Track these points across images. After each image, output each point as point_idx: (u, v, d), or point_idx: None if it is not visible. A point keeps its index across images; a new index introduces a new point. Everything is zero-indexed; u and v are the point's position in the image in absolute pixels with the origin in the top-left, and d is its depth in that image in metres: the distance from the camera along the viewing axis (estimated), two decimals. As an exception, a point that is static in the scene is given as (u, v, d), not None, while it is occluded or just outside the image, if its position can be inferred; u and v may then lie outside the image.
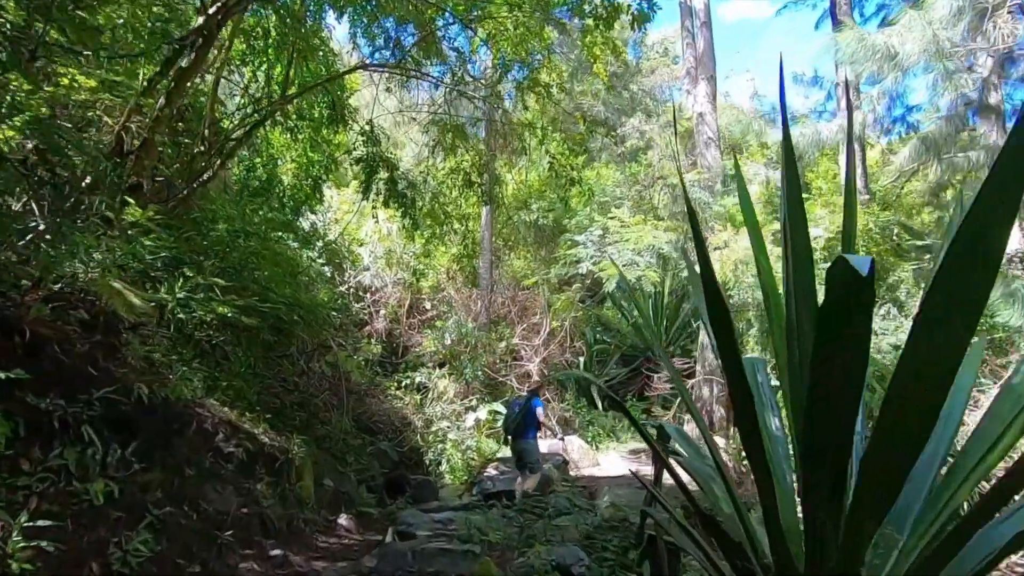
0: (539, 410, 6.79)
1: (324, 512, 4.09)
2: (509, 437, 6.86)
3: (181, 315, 3.64)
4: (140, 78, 4.18)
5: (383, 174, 6.79)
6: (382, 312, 10.45)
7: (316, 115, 6.45)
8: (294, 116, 6.59)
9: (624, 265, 8.73)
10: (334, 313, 8.05)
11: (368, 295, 10.77)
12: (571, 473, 8.72)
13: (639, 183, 10.15)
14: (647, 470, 9.39)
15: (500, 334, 11.01)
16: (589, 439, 10.69)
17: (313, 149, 7.24)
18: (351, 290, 8.53)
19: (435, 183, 7.47)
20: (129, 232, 3.80)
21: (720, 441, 8.79)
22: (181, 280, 3.74)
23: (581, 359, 12.12)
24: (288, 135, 6.89)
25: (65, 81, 3.84)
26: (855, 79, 8.74)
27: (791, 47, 48.84)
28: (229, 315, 3.97)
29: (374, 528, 4.72)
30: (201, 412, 3.06)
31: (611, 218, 9.66)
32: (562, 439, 9.37)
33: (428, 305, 11.13)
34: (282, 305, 4.49)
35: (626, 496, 7.22)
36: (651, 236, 8.73)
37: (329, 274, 8.32)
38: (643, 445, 11.34)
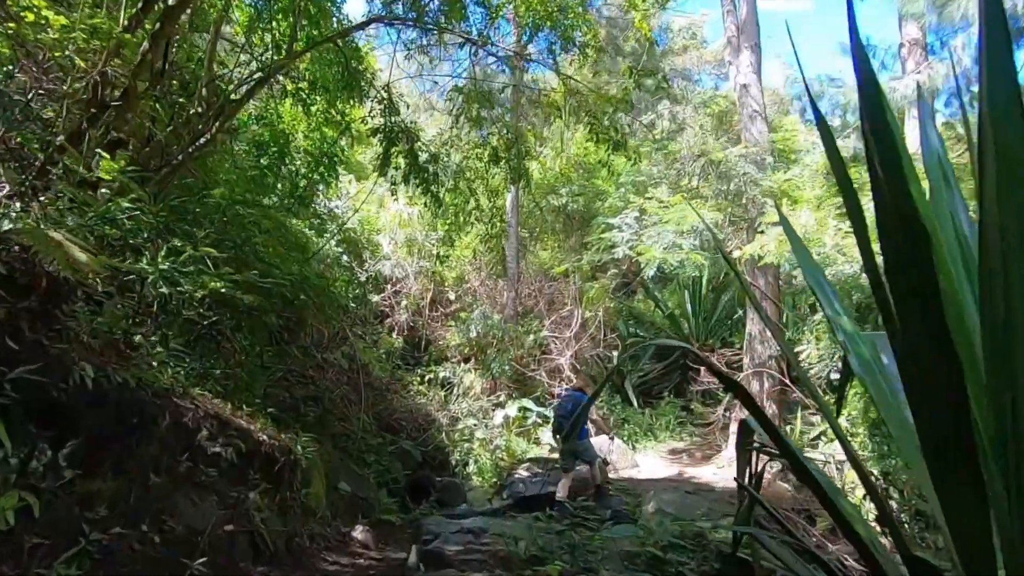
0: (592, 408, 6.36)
1: (337, 523, 3.48)
2: (558, 436, 6.66)
3: (164, 289, 3.05)
4: (121, 19, 3.61)
5: (402, 146, 6.17)
6: (403, 303, 9.86)
7: (330, 83, 5.86)
8: (306, 86, 6.02)
9: (665, 248, 7.98)
10: (352, 304, 7.50)
11: (389, 286, 10.20)
12: (610, 475, 8.00)
13: (678, 161, 9.36)
14: (692, 472, 8.63)
15: (528, 327, 10.33)
16: (625, 439, 9.95)
17: (327, 123, 6.67)
18: (370, 280, 7.95)
19: (460, 157, 6.83)
20: (103, 191, 3.22)
21: (774, 441, 7.98)
22: (165, 249, 3.15)
23: (615, 353, 11.37)
24: (299, 107, 6.34)
25: (30, 17, 3.29)
26: (921, 34, 7.83)
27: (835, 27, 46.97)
28: (224, 291, 3.38)
29: (395, 540, 4.11)
30: (180, 404, 2.47)
31: (648, 199, 8.91)
32: (612, 438, 8.72)
33: (452, 296, 10.51)
34: (288, 283, 3.89)
35: (674, 502, 6.49)
36: (695, 216, 7.96)
37: (347, 262, 7.75)
38: (683, 444, 10.56)
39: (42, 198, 3.09)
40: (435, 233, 9.85)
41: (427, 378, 8.84)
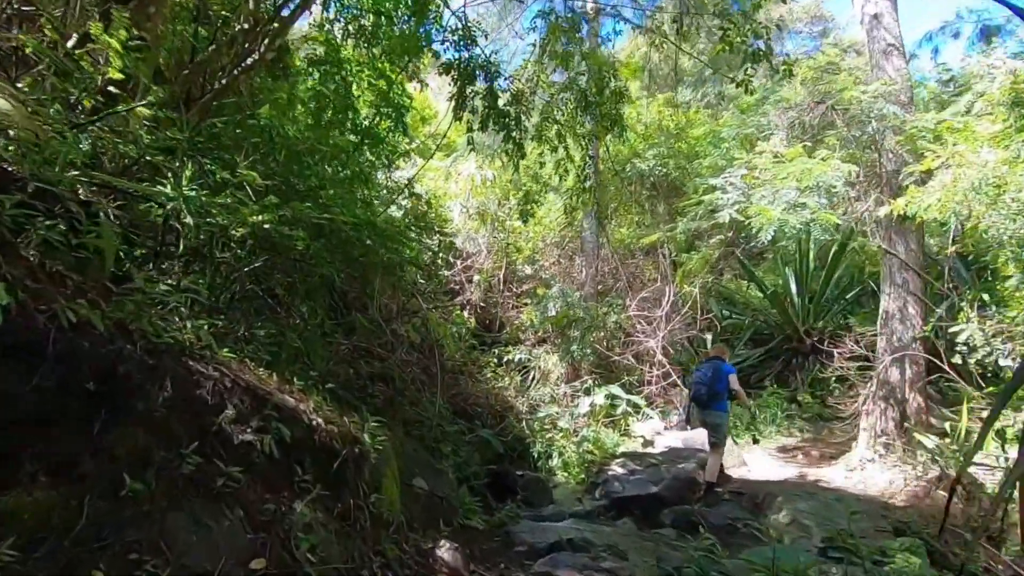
0: (732, 377, 5.95)
1: (415, 536, 2.62)
2: (694, 405, 6.15)
3: (189, 220, 2.26)
4: None
5: (480, 85, 5.25)
6: (475, 280, 9.02)
7: (393, 8, 5.02)
8: (371, 15, 5.21)
9: (785, 208, 6.68)
10: (422, 275, 6.71)
11: (459, 261, 9.40)
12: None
13: (793, 108, 7.95)
14: (815, 473, 7.30)
15: (612, 305, 9.24)
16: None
17: (393, 66, 5.86)
18: (442, 249, 7.14)
19: (543, 100, 5.83)
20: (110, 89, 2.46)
21: (926, 441, 6.53)
22: (190, 170, 2.35)
23: (708, 337, 10.09)
24: (363, 47, 5.55)
25: None
26: None
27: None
28: (269, 229, 2.56)
29: (485, 555, 3.23)
30: (196, 369, 1.66)
31: (759, 153, 7.58)
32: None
33: (529, 270, 9.57)
34: (352, 226, 3.05)
35: (813, 512, 5.28)
36: (820, 170, 6.60)
37: (415, 232, 6.95)
38: (794, 441, 9.17)
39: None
40: (510, 202, 8.92)
41: (504, 360, 7.97)
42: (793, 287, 10.87)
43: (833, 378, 10.35)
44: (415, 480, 3.60)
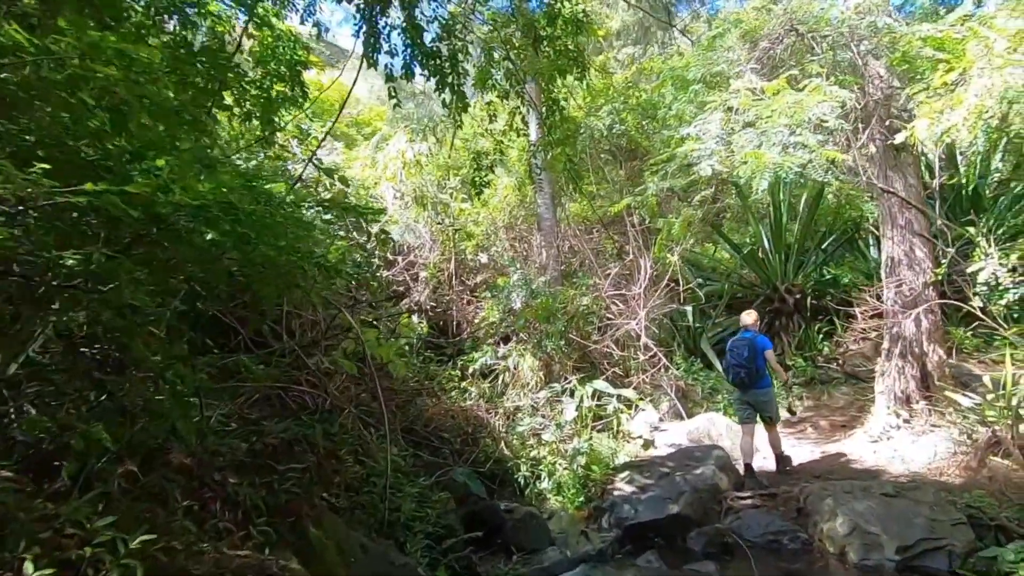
0: (768, 353, 5.63)
1: None
2: (735, 388, 5.83)
3: None
4: None
5: (396, 16, 3.88)
6: (422, 277, 7.64)
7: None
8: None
9: (784, 150, 5.65)
10: (350, 284, 5.30)
11: (400, 258, 7.98)
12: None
13: (763, 39, 6.93)
14: (836, 449, 6.41)
15: (581, 286, 8.09)
16: (721, 412, 7.77)
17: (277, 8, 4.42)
18: (378, 244, 5.72)
19: (485, 30, 4.50)
20: None
21: (962, 399, 5.72)
22: None
23: (689, 309, 9.13)
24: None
25: None
26: None
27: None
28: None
29: None
30: None
31: (735, 93, 6.53)
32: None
33: (484, 258, 8.24)
34: (188, 207, 1.68)
35: (877, 514, 4.31)
36: (816, 99, 5.60)
37: (333, 225, 5.48)
38: (797, 412, 8.34)
39: None
40: (450, 181, 7.55)
41: (469, 370, 6.65)
42: (768, 243, 10.07)
43: (820, 336, 9.68)
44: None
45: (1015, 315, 6.04)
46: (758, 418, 5.79)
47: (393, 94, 3.95)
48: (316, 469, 2.67)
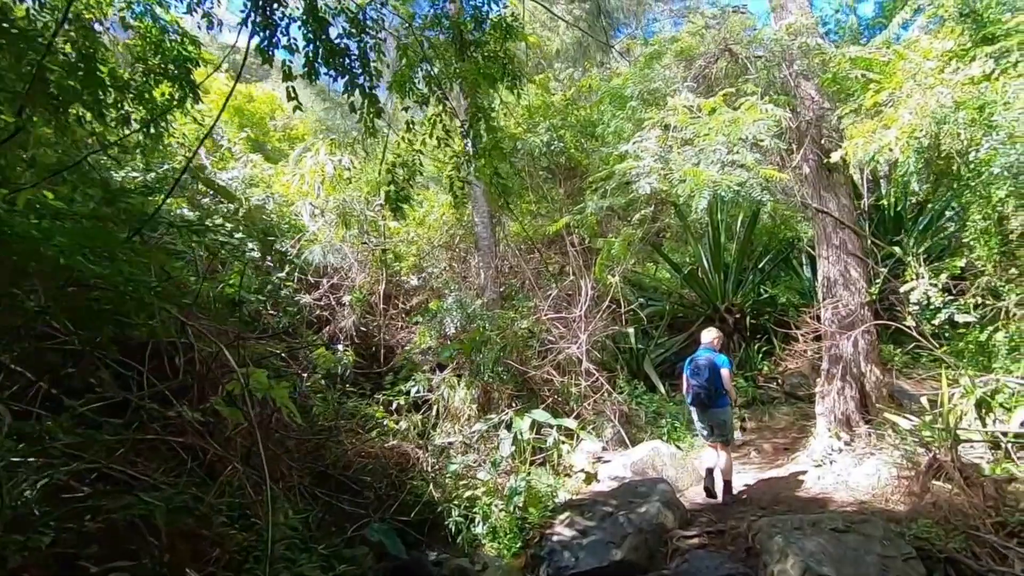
0: (725, 372, 5.42)
1: None
2: (693, 408, 5.68)
3: None
4: None
5: (298, 3, 3.40)
6: (346, 301, 7.01)
7: None
8: None
9: (721, 168, 5.49)
10: (259, 302, 4.67)
11: (325, 280, 7.32)
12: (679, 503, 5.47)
13: (698, 58, 6.86)
14: (778, 474, 6.20)
15: (521, 309, 7.69)
16: (665, 437, 7.50)
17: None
18: (286, 266, 5.11)
19: (398, 31, 4.05)
20: None
21: (901, 420, 5.64)
22: None
23: (631, 331, 8.90)
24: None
25: None
26: None
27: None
28: None
29: None
30: None
31: (671, 111, 6.39)
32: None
33: (416, 280, 7.69)
34: None
35: (823, 552, 4.04)
36: (753, 117, 5.50)
37: (246, 246, 4.85)
38: (738, 436, 8.18)
39: None
40: (378, 199, 7.01)
41: (394, 403, 6.05)
42: (707, 263, 10.04)
43: (759, 356, 9.67)
44: None
45: (946, 334, 6.07)
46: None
47: (293, 95, 3.43)
48: (162, 557, 2.05)
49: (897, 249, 6.32)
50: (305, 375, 5.23)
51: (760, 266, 10.31)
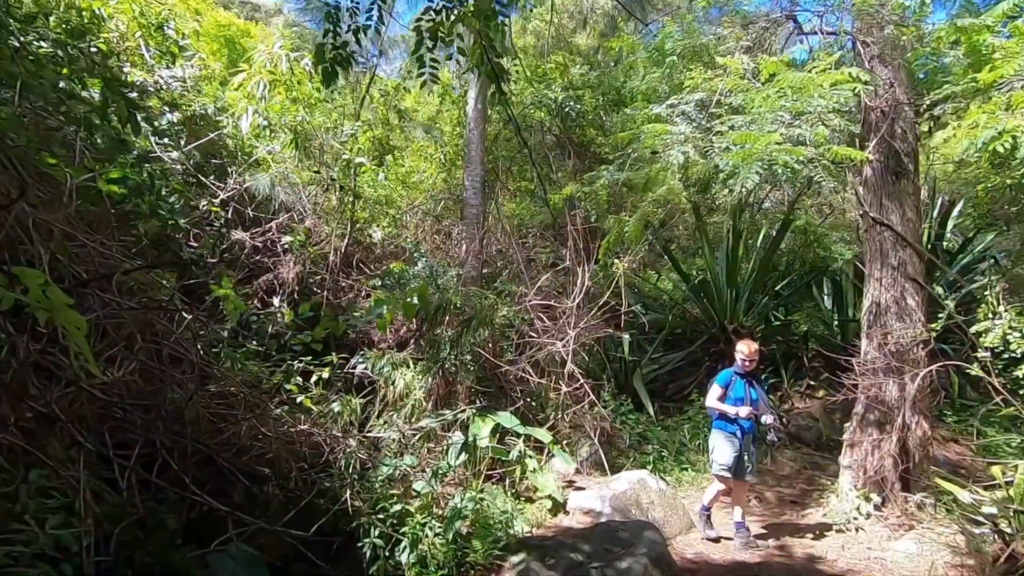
0: (712, 387, 4.70)
1: None
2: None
3: None
4: None
5: None
6: (285, 241, 5.69)
7: None
8: None
9: (776, 143, 4.29)
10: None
11: (273, 220, 6.02)
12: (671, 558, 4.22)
13: (760, 19, 5.68)
14: (793, 542, 4.96)
15: (502, 295, 6.44)
16: (651, 467, 6.28)
17: None
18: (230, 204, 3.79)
19: None
20: None
21: (961, 494, 4.46)
22: None
23: (626, 337, 7.68)
24: None
25: None
26: None
27: None
28: None
29: None
30: None
31: (717, 75, 5.20)
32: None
33: (378, 235, 6.39)
34: None
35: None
36: (832, 80, 4.32)
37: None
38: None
39: None
40: (347, 128, 5.71)
41: (318, 378, 4.71)
42: (722, 275, 8.85)
43: (766, 388, 8.51)
44: None
45: (1021, 390, 4.89)
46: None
47: None
48: None
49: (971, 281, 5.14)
50: (204, 319, 3.93)
51: (777, 288, 9.13)
